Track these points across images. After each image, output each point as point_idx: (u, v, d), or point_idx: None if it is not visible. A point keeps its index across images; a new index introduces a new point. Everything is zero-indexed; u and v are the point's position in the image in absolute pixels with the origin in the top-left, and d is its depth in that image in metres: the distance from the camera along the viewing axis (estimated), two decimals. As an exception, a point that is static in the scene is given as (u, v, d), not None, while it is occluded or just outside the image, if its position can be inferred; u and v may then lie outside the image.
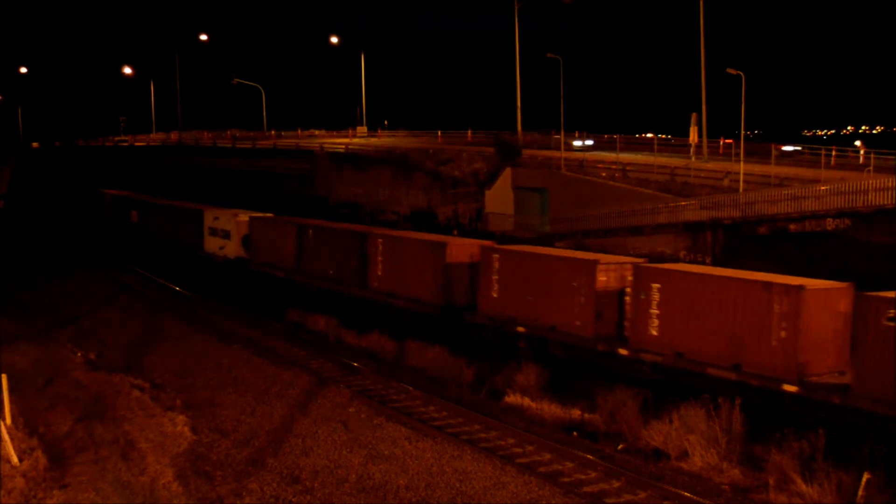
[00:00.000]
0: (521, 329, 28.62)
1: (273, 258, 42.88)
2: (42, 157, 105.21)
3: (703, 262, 34.13)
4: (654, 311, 24.35)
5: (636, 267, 25.58)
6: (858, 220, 30.64)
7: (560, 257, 28.53)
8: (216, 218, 48.59)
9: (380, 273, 34.98)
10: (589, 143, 62.57)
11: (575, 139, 61.85)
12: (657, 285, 24.31)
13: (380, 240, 35.23)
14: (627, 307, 25.74)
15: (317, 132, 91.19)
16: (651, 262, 27.64)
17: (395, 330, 32.77)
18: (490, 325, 29.85)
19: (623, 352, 25.34)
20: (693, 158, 47.18)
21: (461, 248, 32.04)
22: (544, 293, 27.80)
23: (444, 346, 30.06)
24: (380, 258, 34.96)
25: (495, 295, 29.57)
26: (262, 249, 44.11)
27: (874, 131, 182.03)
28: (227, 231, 46.95)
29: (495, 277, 29.56)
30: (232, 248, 46.52)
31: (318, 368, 29.36)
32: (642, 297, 24.68)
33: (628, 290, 25.71)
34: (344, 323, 35.31)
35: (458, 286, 31.66)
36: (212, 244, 48.79)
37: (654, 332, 24.35)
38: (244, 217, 46.33)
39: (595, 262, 26.35)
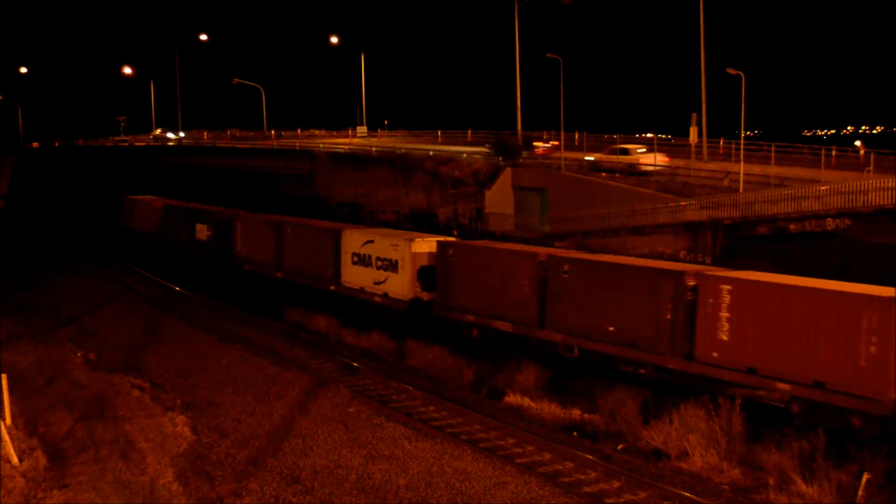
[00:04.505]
0: None
1: (487, 303, 30.25)
2: (42, 157, 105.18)
3: (704, 262, 34.11)
4: None
5: None
6: (858, 220, 30.63)
7: None
8: (369, 241, 36.24)
9: (725, 338, 22.72)
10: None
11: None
12: None
13: (726, 286, 22.79)
14: None
15: (317, 132, 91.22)
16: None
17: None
18: None
19: None
20: (693, 158, 47.17)
21: None
22: None
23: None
24: (725, 314, 22.73)
25: None
26: (459, 289, 31.57)
27: (874, 131, 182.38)
28: (392, 260, 34.54)
29: None
30: (400, 285, 34.05)
31: (318, 368, 29.36)
32: None
33: None
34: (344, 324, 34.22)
35: None
36: (358, 277, 36.57)
37: None
38: (425, 243, 33.91)
39: None
